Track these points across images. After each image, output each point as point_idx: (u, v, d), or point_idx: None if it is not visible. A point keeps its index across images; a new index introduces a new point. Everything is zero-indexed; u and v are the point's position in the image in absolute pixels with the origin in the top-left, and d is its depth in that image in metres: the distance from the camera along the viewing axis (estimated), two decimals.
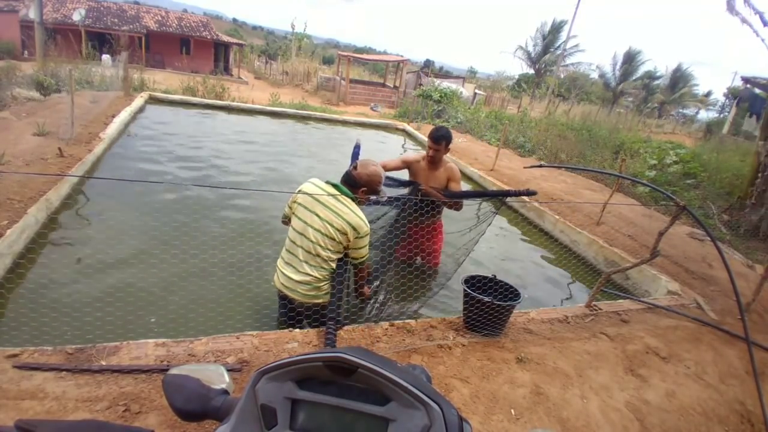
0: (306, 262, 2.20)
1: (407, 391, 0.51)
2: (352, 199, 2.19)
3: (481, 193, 3.51)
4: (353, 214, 2.13)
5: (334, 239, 2.13)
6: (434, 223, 3.22)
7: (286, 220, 2.36)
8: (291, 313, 2.38)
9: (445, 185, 3.13)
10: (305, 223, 2.16)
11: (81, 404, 1.67)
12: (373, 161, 2.32)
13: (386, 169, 3.18)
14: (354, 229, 2.12)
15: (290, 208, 2.27)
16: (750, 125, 17.39)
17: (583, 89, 31.99)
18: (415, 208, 2.85)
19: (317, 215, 2.13)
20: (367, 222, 2.18)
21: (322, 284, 2.26)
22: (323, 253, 2.16)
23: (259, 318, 2.80)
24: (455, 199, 3.01)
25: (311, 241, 2.15)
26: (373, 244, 2.90)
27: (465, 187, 4.92)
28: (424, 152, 3.22)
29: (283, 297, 2.36)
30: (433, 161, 3.12)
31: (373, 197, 2.42)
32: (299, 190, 2.23)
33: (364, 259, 2.28)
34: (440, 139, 3.04)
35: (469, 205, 3.10)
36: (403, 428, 0.50)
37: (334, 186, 2.21)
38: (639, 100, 33.31)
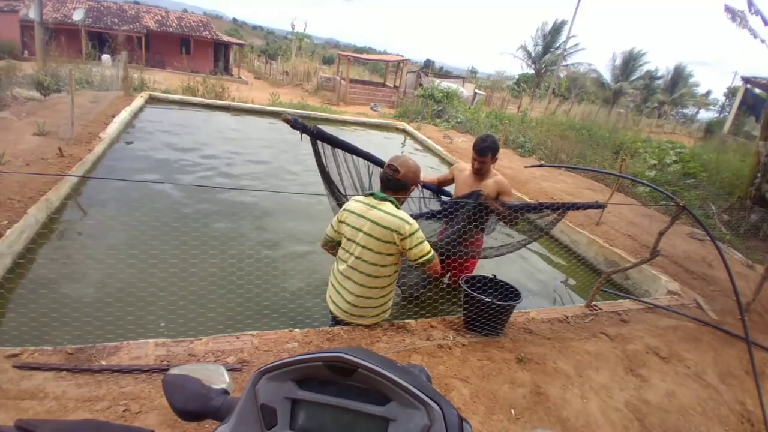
0: (350, 279, 2.14)
1: (407, 391, 0.51)
2: (393, 203, 2.10)
3: (542, 205, 3.28)
4: (392, 216, 2.03)
5: (381, 253, 2.05)
6: (477, 238, 2.90)
7: (332, 244, 2.25)
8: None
9: (495, 198, 2.81)
10: (352, 241, 2.10)
11: (81, 404, 1.67)
12: (401, 155, 2.23)
13: (440, 182, 3.09)
14: (397, 232, 2.01)
15: (335, 230, 2.19)
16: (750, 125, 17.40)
17: (583, 89, 31.99)
18: (467, 219, 2.59)
19: (362, 231, 2.06)
20: (410, 220, 2.05)
21: (370, 302, 2.21)
22: (369, 269, 2.09)
23: (259, 318, 2.80)
24: (516, 212, 2.71)
25: (357, 258, 2.09)
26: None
27: None
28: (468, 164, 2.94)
29: (332, 316, 2.33)
30: (480, 172, 2.85)
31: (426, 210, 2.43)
32: (343, 209, 2.15)
33: (426, 258, 2.08)
34: (485, 151, 2.72)
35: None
36: (403, 428, 0.50)
37: (372, 195, 2.12)
38: (639, 100, 33.31)
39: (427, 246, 2.09)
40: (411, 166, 2.15)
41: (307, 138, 2.55)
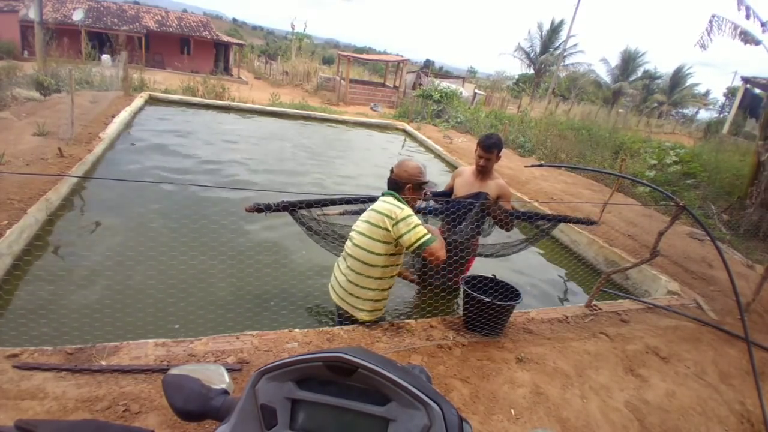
0: (346, 263, 2.26)
1: (407, 391, 0.51)
2: (395, 197, 2.21)
3: (537, 216, 3.15)
4: (387, 204, 2.14)
5: (372, 238, 2.15)
6: (474, 241, 2.90)
7: None
8: (345, 323, 2.42)
9: (495, 200, 2.80)
10: (354, 230, 2.26)
11: (81, 404, 1.67)
12: (408, 158, 2.35)
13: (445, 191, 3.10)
14: (388, 217, 2.09)
15: None
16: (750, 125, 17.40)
17: (583, 89, 31.99)
18: (470, 223, 2.59)
19: (362, 220, 2.23)
20: (402, 206, 2.12)
21: (362, 292, 2.25)
22: (362, 255, 2.18)
23: (259, 318, 2.80)
24: (514, 219, 2.72)
25: (354, 244, 2.21)
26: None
27: None
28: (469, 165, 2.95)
29: (336, 305, 2.42)
30: (483, 171, 2.83)
31: (428, 200, 2.55)
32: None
33: (422, 241, 2.05)
34: (491, 147, 2.74)
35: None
36: (403, 428, 0.50)
37: (383, 194, 2.31)
38: (638, 100, 33.30)
39: (421, 230, 2.07)
40: (402, 166, 2.26)
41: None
